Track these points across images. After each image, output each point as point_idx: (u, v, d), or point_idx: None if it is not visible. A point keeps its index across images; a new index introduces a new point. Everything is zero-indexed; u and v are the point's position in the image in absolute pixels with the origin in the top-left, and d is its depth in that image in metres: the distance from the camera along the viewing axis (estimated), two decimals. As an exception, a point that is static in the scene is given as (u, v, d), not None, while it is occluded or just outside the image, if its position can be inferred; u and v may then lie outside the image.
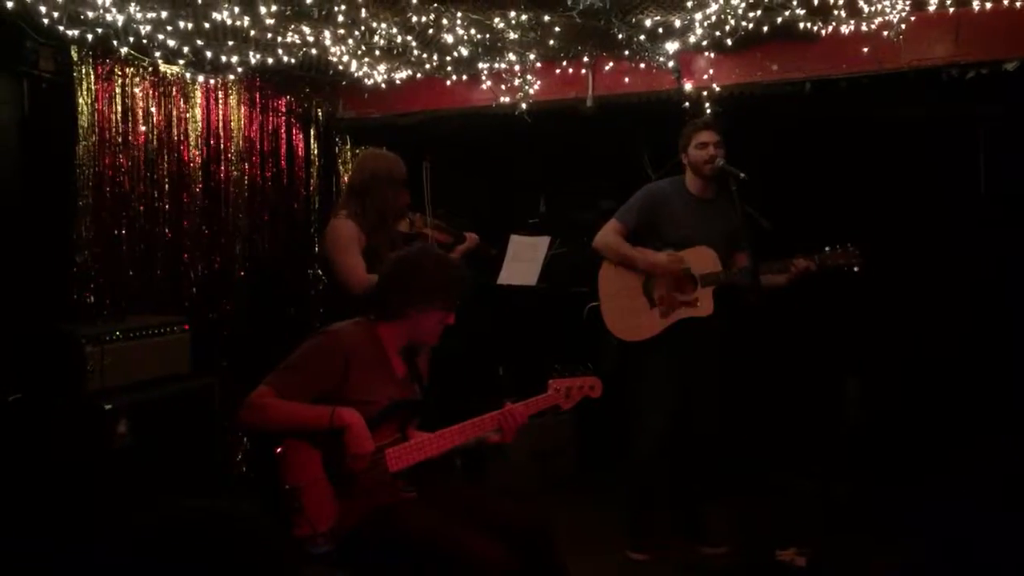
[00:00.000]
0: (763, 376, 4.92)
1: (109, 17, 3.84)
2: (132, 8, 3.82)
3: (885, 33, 4.18)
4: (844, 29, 4.29)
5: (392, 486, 2.86)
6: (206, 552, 1.32)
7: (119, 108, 4.69)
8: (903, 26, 4.11)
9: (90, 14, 3.81)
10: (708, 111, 4.77)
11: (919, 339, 4.95)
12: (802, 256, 4.03)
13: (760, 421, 4.85)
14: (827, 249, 4.03)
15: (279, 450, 2.77)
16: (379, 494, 2.82)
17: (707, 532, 4.30)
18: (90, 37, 3.99)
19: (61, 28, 3.83)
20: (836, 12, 4.00)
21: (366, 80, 5.19)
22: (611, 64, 5.03)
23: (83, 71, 4.48)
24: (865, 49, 4.36)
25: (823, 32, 4.34)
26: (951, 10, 4.12)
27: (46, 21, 3.78)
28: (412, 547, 2.72)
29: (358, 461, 2.77)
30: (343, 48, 4.55)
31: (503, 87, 5.22)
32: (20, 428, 3.90)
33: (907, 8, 4.02)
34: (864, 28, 4.25)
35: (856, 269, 3.99)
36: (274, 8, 3.81)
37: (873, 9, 4.00)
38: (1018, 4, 4.04)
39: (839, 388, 5.05)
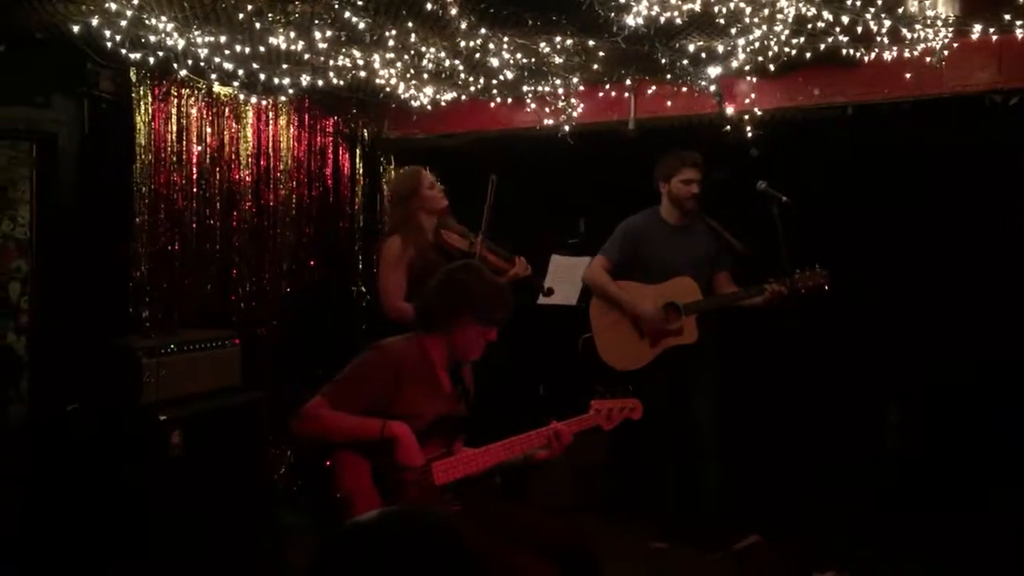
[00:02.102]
0: (804, 401, 4.92)
1: (170, 41, 3.97)
2: (193, 33, 3.95)
3: (928, 59, 4.20)
4: (886, 55, 4.31)
5: (438, 499, 2.93)
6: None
7: (174, 128, 4.84)
8: (945, 52, 4.12)
9: (152, 38, 3.94)
10: (749, 134, 4.82)
11: (961, 365, 4.93)
12: (774, 281, 4.25)
13: (799, 446, 4.85)
14: (796, 272, 4.20)
15: (328, 463, 2.86)
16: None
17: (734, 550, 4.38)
18: (151, 60, 4.13)
19: (123, 52, 3.97)
20: (879, 39, 4.02)
21: (412, 102, 5.30)
22: (653, 88, 5.10)
23: (141, 92, 4.63)
24: (907, 75, 4.39)
25: (866, 58, 4.36)
26: (994, 37, 4.14)
27: (108, 45, 3.92)
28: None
29: (408, 472, 2.84)
30: (391, 71, 4.66)
31: (547, 110, 5.31)
32: (77, 437, 4.02)
33: (950, 35, 4.03)
34: (907, 54, 4.27)
35: (826, 288, 4.20)
36: (328, 34, 3.92)
37: (916, 36, 4.01)
38: (1062, 32, 4.05)
39: (880, 414, 5.06)
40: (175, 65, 4.20)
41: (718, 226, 4.47)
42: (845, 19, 3.71)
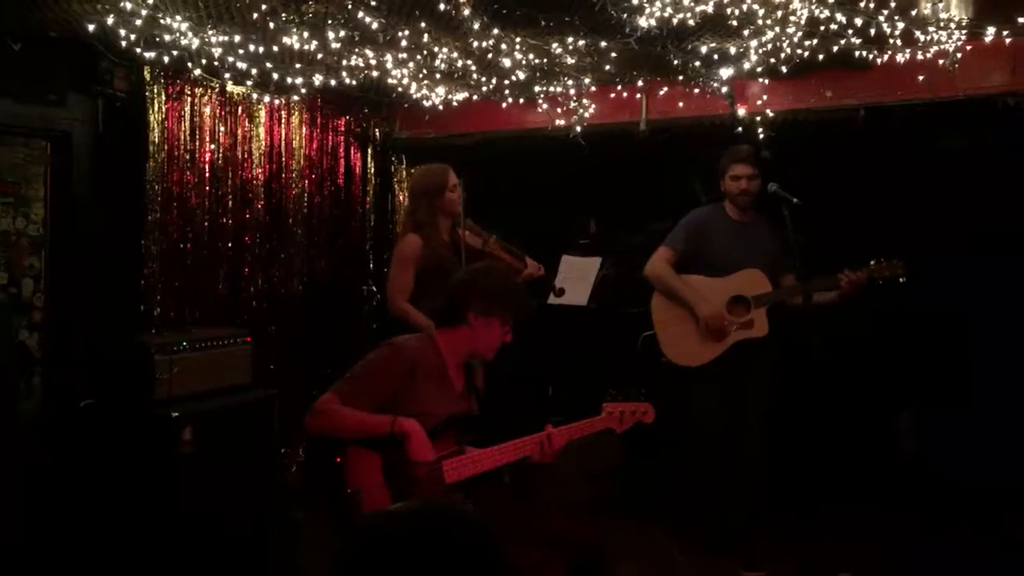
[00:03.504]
0: (817, 407, 4.92)
1: (184, 40, 3.99)
2: (207, 32, 3.97)
3: (941, 62, 4.20)
4: (899, 57, 4.31)
5: (448, 497, 2.94)
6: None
7: (187, 126, 4.87)
8: (959, 55, 4.12)
9: (167, 37, 3.97)
10: (761, 136, 4.82)
11: (973, 372, 4.91)
12: (848, 270, 4.11)
13: (814, 452, 4.84)
14: (872, 263, 4.11)
15: (339, 459, 2.87)
16: (436, 505, 2.90)
17: (749, 557, 4.32)
18: (165, 59, 4.15)
19: (138, 50, 3.99)
20: (892, 41, 4.02)
21: (424, 102, 5.32)
22: (665, 89, 5.11)
23: (155, 90, 4.66)
24: (920, 77, 4.38)
25: (878, 60, 4.36)
26: (1008, 40, 4.13)
27: (123, 43, 3.94)
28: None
29: (418, 468, 2.85)
30: (404, 71, 4.67)
31: (559, 110, 5.32)
32: (91, 432, 4.05)
33: (963, 37, 4.03)
34: (919, 57, 4.27)
35: (902, 279, 4.08)
36: (342, 34, 3.93)
37: (929, 38, 4.01)
38: (1076, 35, 4.04)
39: (893, 420, 5.04)
40: (189, 64, 4.23)
41: (775, 225, 4.23)
42: (858, 21, 3.71)
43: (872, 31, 3.83)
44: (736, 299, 4.30)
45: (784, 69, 4.42)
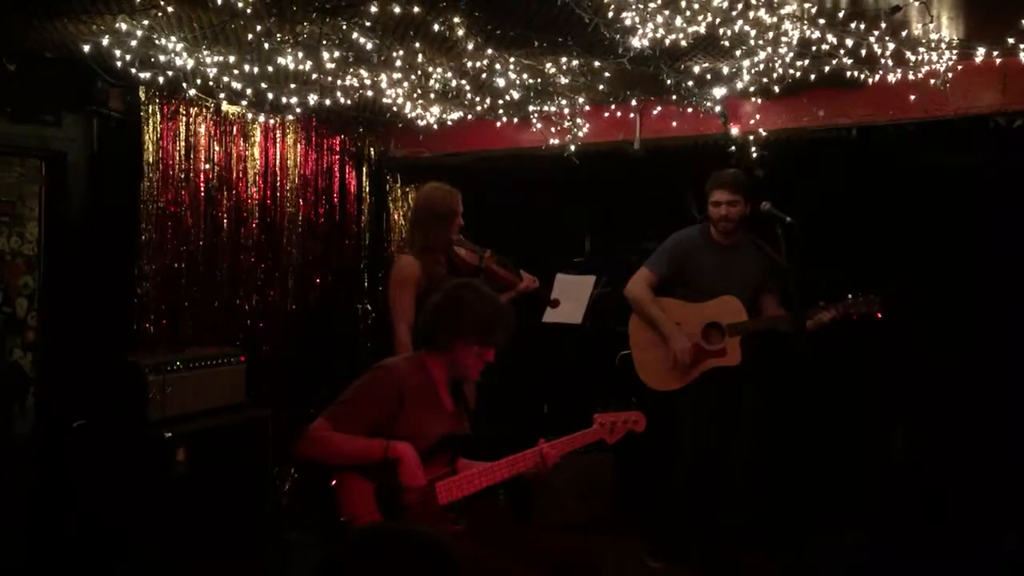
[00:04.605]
0: (810, 423, 4.92)
1: (179, 61, 4.01)
2: (202, 53, 3.99)
3: (932, 81, 4.22)
4: (891, 77, 4.33)
5: (442, 519, 2.93)
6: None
7: (182, 146, 4.88)
8: (950, 75, 4.15)
9: (162, 58, 3.98)
10: (754, 155, 4.84)
11: (967, 387, 4.91)
12: (824, 305, 4.13)
13: (806, 468, 4.84)
14: (849, 297, 4.12)
15: (333, 483, 2.86)
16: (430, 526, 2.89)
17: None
18: (161, 79, 4.16)
19: (133, 71, 3.99)
20: (883, 61, 4.04)
21: (418, 121, 5.33)
22: (659, 108, 5.13)
23: (150, 110, 4.69)
24: (912, 97, 4.40)
25: (870, 80, 4.38)
26: (998, 60, 4.16)
27: (118, 64, 3.95)
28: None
29: (410, 494, 2.85)
30: (398, 91, 4.69)
31: (552, 129, 5.34)
32: (83, 453, 4.04)
33: (954, 57, 4.06)
34: (911, 76, 4.29)
35: (879, 316, 4.08)
36: (336, 54, 3.95)
37: (920, 58, 4.04)
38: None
39: (887, 435, 5.03)
40: (184, 84, 4.24)
41: (767, 247, 4.32)
42: (849, 42, 3.73)
43: (863, 51, 3.86)
44: (712, 325, 4.34)
45: (776, 89, 4.43)
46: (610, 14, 3.49)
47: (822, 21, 3.58)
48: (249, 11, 3.47)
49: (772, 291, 4.37)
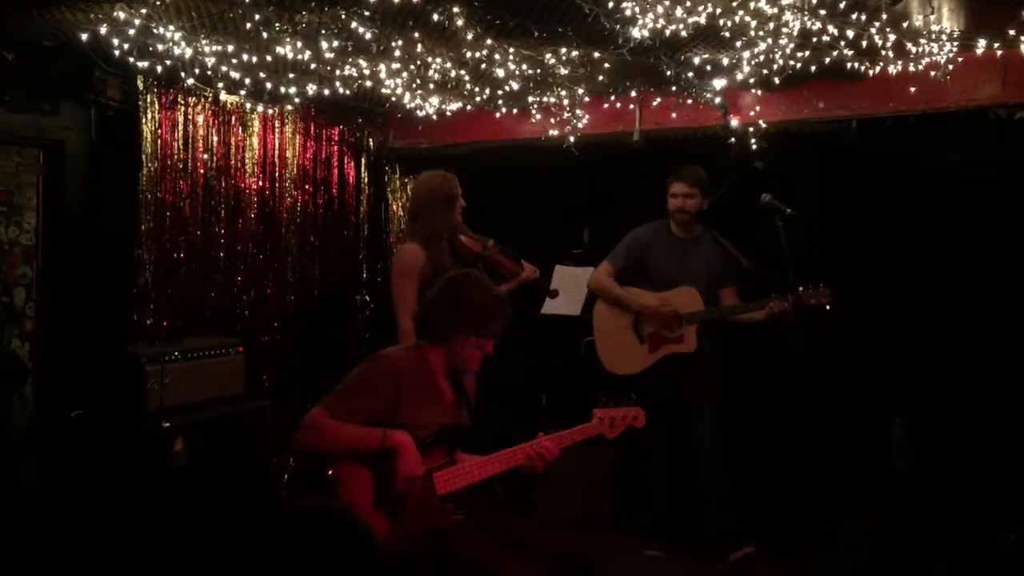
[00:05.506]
0: (809, 417, 4.92)
1: (177, 50, 3.99)
2: (200, 42, 3.97)
3: (932, 73, 4.21)
4: (891, 69, 4.32)
5: (440, 509, 2.93)
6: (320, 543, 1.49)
7: (181, 136, 4.87)
8: (950, 67, 4.13)
9: (160, 47, 3.96)
10: (754, 146, 4.83)
11: (967, 380, 4.91)
12: (775, 296, 4.23)
13: (806, 463, 4.84)
14: (801, 289, 4.20)
15: (331, 472, 2.86)
16: (427, 516, 2.89)
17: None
18: (159, 69, 4.15)
19: (131, 60, 3.98)
20: (884, 53, 4.03)
21: (417, 111, 5.32)
22: (658, 99, 5.13)
23: (148, 100, 4.67)
24: (912, 89, 4.39)
25: (870, 72, 4.37)
26: (999, 52, 4.15)
27: (116, 53, 3.94)
28: (460, 570, 2.79)
29: (408, 483, 2.84)
30: (397, 81, 4.68)
31: (552, 120, 5.33)
32: (81, 443, 4.03)
33: (954, 50, 4.04)
34: (911, 68, 4.28)
35: (828, 307, 4.19)
36: (335, 44, 3.94)
37: (920, 50, 4.03)
38: (1067, 47, 4.06)
39: (886, 430, 5.04)
40: (182, 73, 4.23)
41: (726, 242, 4.48)
42: (850, 33, 3.72)
43: (864, 43, 3.85)
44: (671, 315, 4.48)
45: (777, 80, 4.43)
46: (610, 4, 3.48)
47: (823, 12, 3.57)
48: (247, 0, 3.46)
49: (732, 286, 4.53)
